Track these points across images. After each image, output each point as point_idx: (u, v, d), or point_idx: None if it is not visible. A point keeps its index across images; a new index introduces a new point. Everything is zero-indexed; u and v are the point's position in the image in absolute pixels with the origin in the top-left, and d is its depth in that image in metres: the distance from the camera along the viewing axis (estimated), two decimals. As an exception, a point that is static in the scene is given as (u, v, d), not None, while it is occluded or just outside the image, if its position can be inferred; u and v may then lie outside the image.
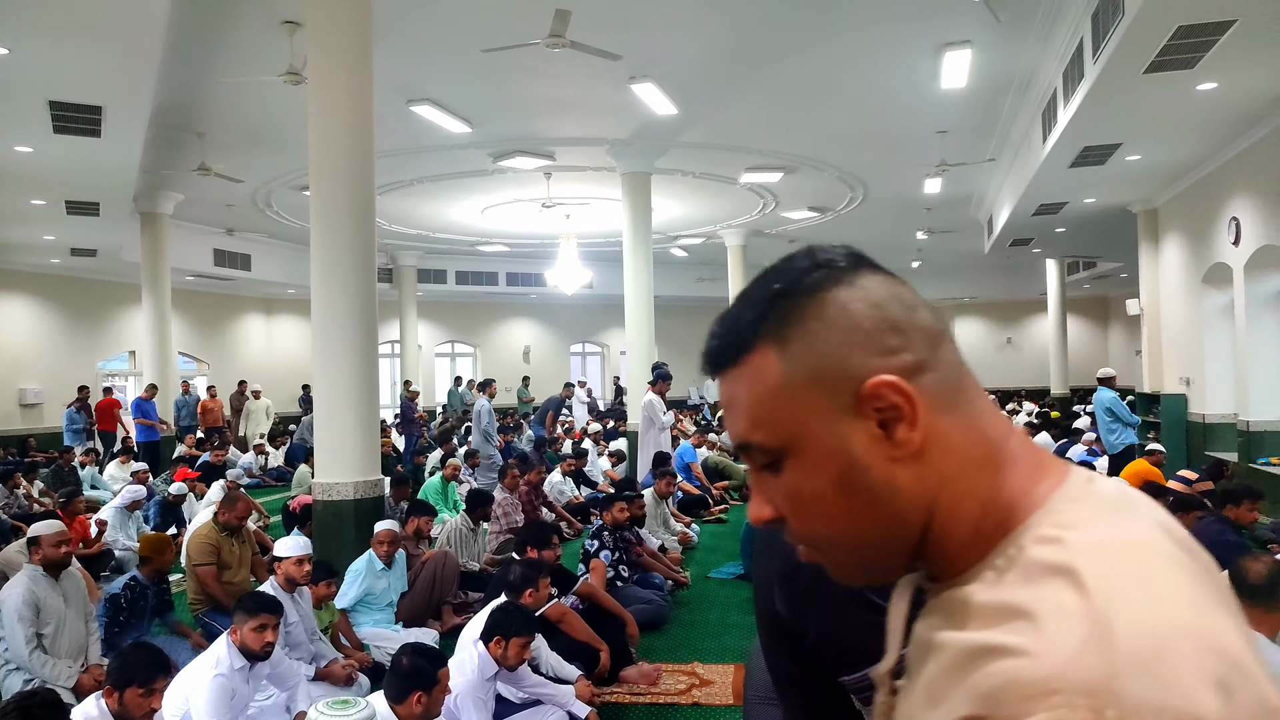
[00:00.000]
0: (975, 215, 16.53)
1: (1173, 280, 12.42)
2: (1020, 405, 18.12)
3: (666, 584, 6.58)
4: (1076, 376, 21.57)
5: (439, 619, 5.91)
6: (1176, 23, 6.25)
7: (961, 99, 9.66)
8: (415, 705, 3.10)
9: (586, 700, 4.22)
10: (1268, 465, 9.32)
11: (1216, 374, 11.09)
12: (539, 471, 8.68)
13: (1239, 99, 8.12)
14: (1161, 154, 10.06)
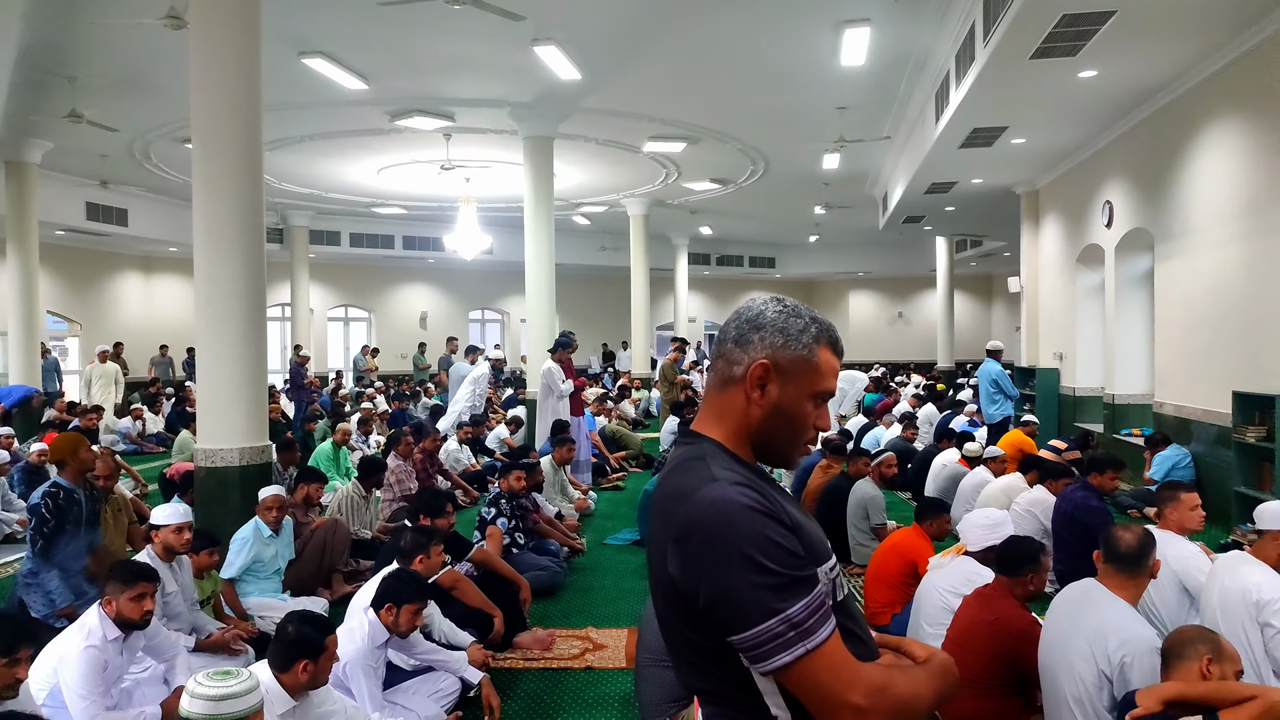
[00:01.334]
0: (871, 192, 16.94)
1: (1051, 260, 13.03)
2: (909, 377, 18.77)
3: (562, 550, 6.61)
4: (962, 351, 22.48)
5: (329, 587, 5.79)
6: (1062, 10, 6.50)
7: (860, 76, 9.84)
8: (301, 674, 3.03)
9: (479, 666, 4.20)
10: (1129, 436, 9.93)
11: (1087, 350, 11.73)
12: (434, 439, 8.56)
13: (1116, 87, 8.52)
14: (1044, 138, 10.50)
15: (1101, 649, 3.00)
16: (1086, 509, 5.49)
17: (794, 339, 1.50)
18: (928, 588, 4.30)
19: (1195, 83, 8.08)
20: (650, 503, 1.54)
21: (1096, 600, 3.19)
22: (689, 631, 1.43)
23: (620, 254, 20.78)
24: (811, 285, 29.38)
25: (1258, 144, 7.19)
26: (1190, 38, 7.23)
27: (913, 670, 1.46)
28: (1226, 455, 7.30)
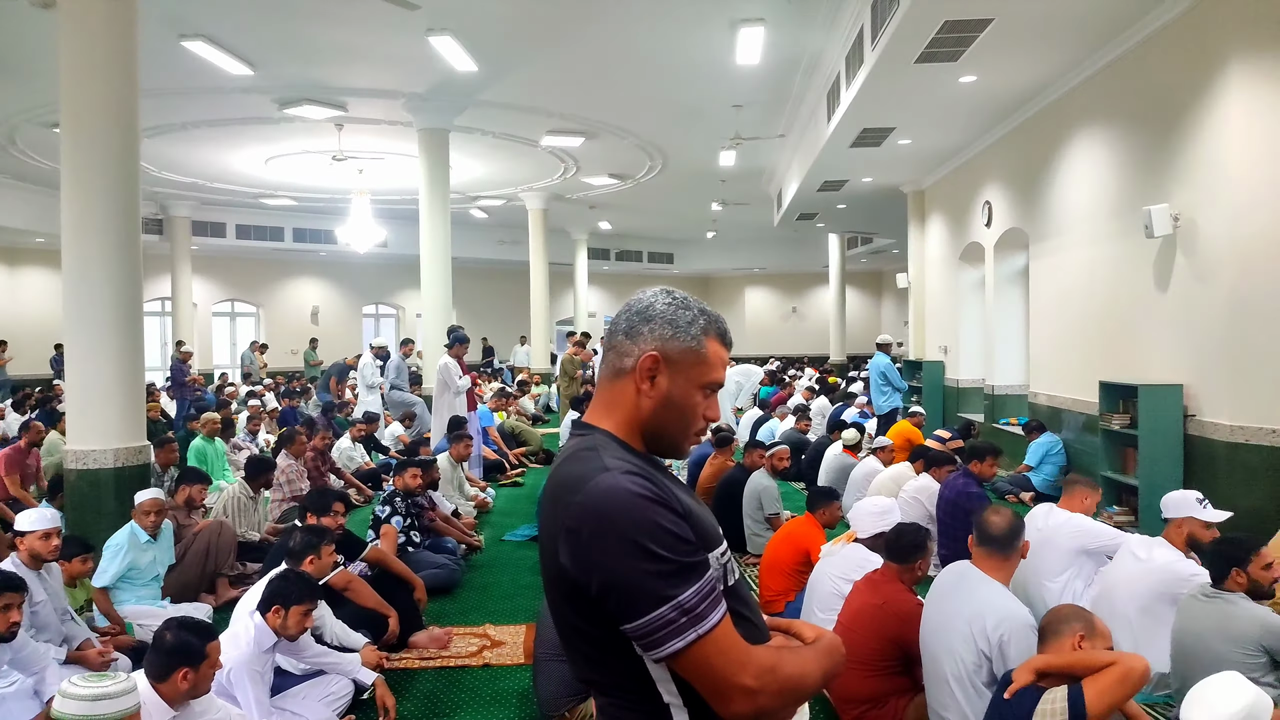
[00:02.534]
0: (766, 189, 17.28)
1: (936, 257, 13.55)
2: (803, 371, 19.23)
3: (460, 548, 6.52)
4: (853, 345, 23.16)
5: (214, 593, 5.57)
6: (944, 17, 6.75)
7: (756, 75, 10.02)
8: (180, 682, 2.90)
9: (373, 667, 4.12)
10: (1007, 425, 10.42)
11: (969, 343, 12.25)
12: (324, 436, 8.32)
13: (995, 93, 8.91)
14: (929, 139, 10.90)
15: (980, 629, 3.14)
16: (967, 495, 5.74)
17: (683, 330, 1.52)
18: (820, 574, 4.42)
19: (1066, 91, 8.53)
20: (541, 495, 1.54)
21: (972, 583, 3.34)
22: (581, 622, 1.43)
23: (519, 248, 20.62)
24: (709, 281, 29.78)
25: (1120, 150, 7.64)
26: (1061, 48, 7.62)
27: (801, 651, 1.50)
28: (1094, 442, 7.74)
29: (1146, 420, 6.67)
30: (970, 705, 3.13)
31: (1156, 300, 7.07)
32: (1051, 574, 4.67)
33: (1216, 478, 6.11)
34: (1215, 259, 6.27)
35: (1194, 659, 3.45)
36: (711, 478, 7.32)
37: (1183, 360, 6.68)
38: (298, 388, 15.69)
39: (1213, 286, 6.31)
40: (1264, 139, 5.88)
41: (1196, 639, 3.45)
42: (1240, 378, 6.01)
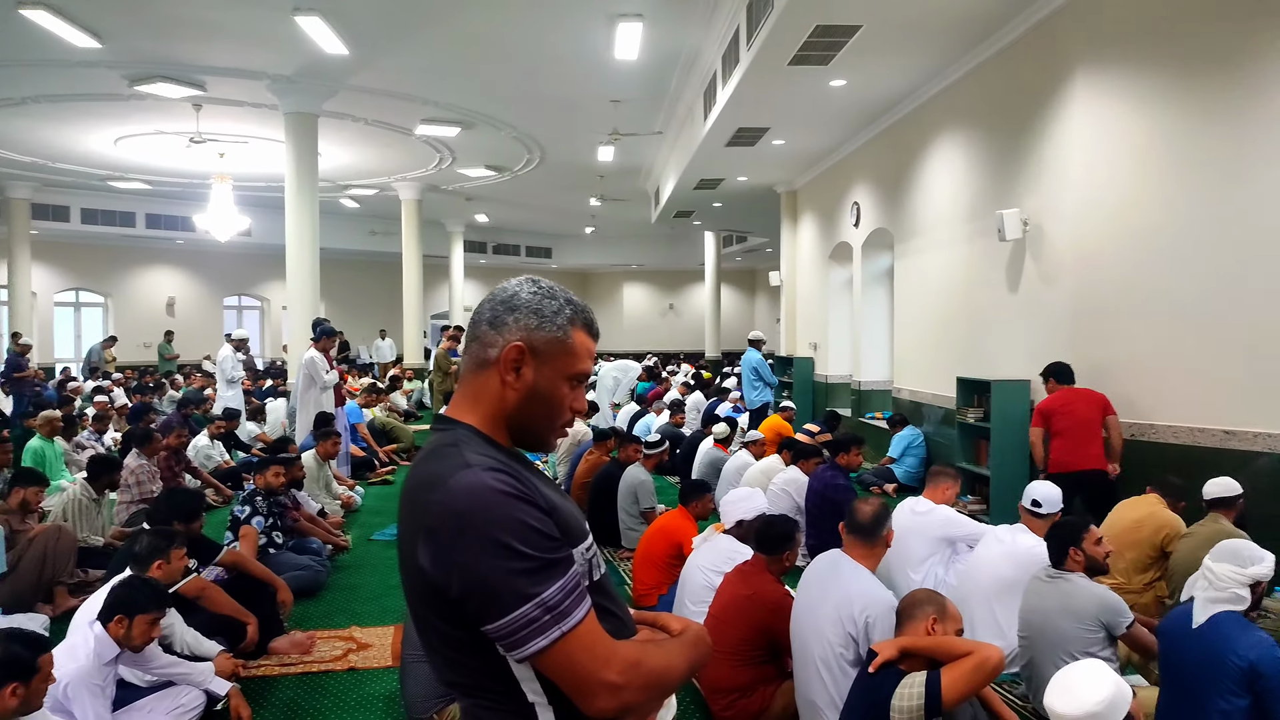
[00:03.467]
0: (644, 186, 17.38)
1: (807, 256, 13.93)
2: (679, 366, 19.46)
3: (325, 548, 6.28)
4: (728, 341, 23.61)
5: (51, 602, 5.18)
6: (816, 21, 6.93)
7: (634, 70, 10.05)
8: (9, 698, 2.68)
9: (228, 676, 3.91)
10: (872, 419, 10.83)
11: (837, 340, 12.66)
12: (179, 434, 7.87)
13: (863, 97, 9.22)
14: (801, 141, 11.19)
15: (848, 612, 3.25)
16: (835, 487, 5.93)
17: (549, 320, 1.49)
18: (692, 567, 4.46)
19: (929, 97, 8.90)
20: (401, 493, 1.47)
21: (842, 569, 3.45)
22: (442, 624, 1.38)
23: (392, 239, 20.08)
24: (587, 276, 29.77)
25: (976, 155, 8.03)
26: (924, 56, 7.95)
27: (667, 644, 1.49)
28: (951, 434, 8.12)
29: (998, 413, 7.04)
30: (837, 687, 3.22)
31: (1008, 300, 7.47)
32: (916, 562, 4.88)
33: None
34: (1059, 262, 6.67)
35: (1040, 637, 3.65)
36: (587, 473, 7.31)
37: (1031, 357, 7.06)
38: (150, 383, 14.83)
39: (1057, 287, 6.71)
40: (1103, 149, 6.28)
41: (1043, 618, 3.65)
42: (1080, 374, 6.40)
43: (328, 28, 8.57)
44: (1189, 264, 5.77)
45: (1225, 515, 4.57)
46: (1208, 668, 2.84)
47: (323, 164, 13.70)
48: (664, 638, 1.53)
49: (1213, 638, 2.87)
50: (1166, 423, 5.90)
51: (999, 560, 4.29)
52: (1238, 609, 2.90)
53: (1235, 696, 2.78)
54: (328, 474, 7.78)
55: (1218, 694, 2.80)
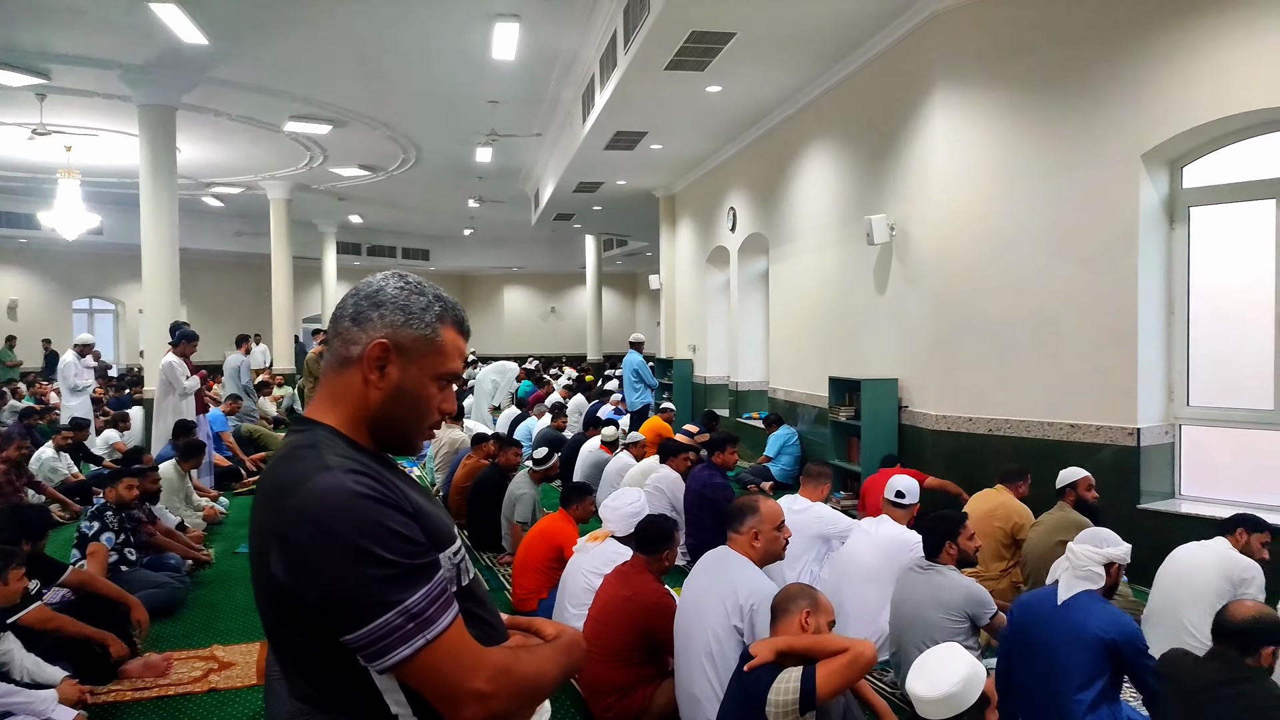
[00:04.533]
0: (524, 188, 17.24)
1: (686, 259, 14.12)
2: (561, 370, 19.39)
3: (185, 564, 5.95)
4: (610, 344, 23.68)
5: None
6: (691, 27, 7.03)
7: (512, 71, 9.94)
8: None
9: (73, 703, 3.65)
10: (749, 419, 11.05)
11: (716, 342, 12.88)
12: (20, 446, 7.31)
13: (738, 103, 9.41)
14: (679, 145, 11.33)
15: (733, 603, 3.31)
16: (713, 485, 6.01)
17: (416, 317, 1.44)
18: (573, 570, 4.44)
19: (801, 105, 9.16)
20: (254, 500, 1.40)
21: (728, 563, 3.51)
22: (297, 636, 1.32)
23: (260, 240, 19.25)
24: (467, 279, 29.33)
25: (846, 162, 8.32)
26: (797, 65, 8.17)
27: (539, 649, 1.47)
28: (824, 432, 8.37)
29: (868, 411, 7.30)
30: (719, 680, 3.26)
31: (876, 302, 7.76)
32: (792, 559, 4.98)
33: (924, 461, 6.79)
34: (923, 266, 6.97)
35: (910, 626, 3.80)
36: (466, 478, 7.18)
37: (898, 356, 7.37)
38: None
39: (921, 290, 7.01)
40: (960, 158, 6.60)
41: (914, 608, 3.80)
42: (943, 372, 6.72)
43: (185, 16, 8.13)
44: (1033, 267, 6.14)
45: (1066, 501, 4.89)
46: (1070, 641, 3.05)
47: (182, 160, 13.01)
48: (537, 643, 1.51)
49: (1075, 612, 3.10)
50: (1020, 418, 6.24)
51: (866, 551, 4.45)
52: (1095, 587, 3.13)
53: (1094, 667, 3.01)
54: (188, 485, 7.38)
55: (1077, 666, 3.01)
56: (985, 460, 6.22)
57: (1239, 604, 2.90)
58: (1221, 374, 5.81)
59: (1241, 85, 5.18)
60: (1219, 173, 5.70)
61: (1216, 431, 5.82)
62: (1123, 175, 5.74)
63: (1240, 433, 5.69)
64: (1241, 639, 2.78)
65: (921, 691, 2.34)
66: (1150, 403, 5.77)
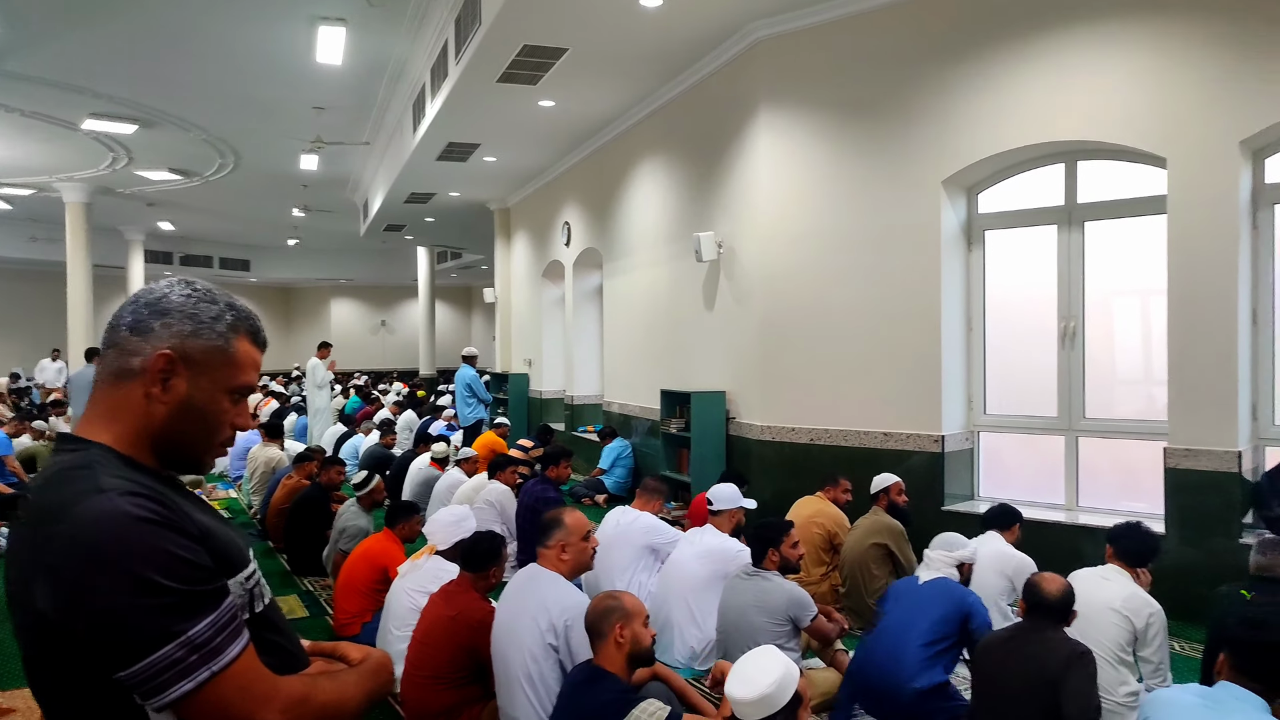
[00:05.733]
0: (353, 198, 16.68)
1: (521, 273, 14.05)
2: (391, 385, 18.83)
3: (-42, 603, 5.34)
4: (444, 359, 23.19)
5: None
6: (523, 41, 7.02)
7: (338, 77, 9.60)
8: None
9: None
10: (584, 432, 11.09)
11: (551, 356, 12.86)
12: None
13: (572, 119, 9.47)
14: (513, 159, 11.27)
15: (546, 622, 3.28)
16: (544, 499, 5.97)
17: (206, 326, 1.35)
18: (397, 591, 4.30)
19: (633, 123, 9.32)
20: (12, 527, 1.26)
21: (539, 580, 3.48)
22: (65, 673, 1.20)
23: (55, 246, 17.69)
24: (291, 291, 28.06)
25: (677, 180, 8.52)
26: (629, 83, 8.30)
27: (341, 675, 1.40)
28: (656, 444, 8.51)
29: (698, 424, 7.48)
30: (540, 701, 3.23)
31: (706, 317, 7.97)
32: (620, 570, 5.02)
33: (750, 471, 7.01)
34: (749, 283, 7.22)
35: (736, 631, 3.90)
36: (285, 498, 6.84)
37: (726, 370, 7.59)
38: None
39: (747, 306, 7.26)
40: (783, 181, 6.90)
41: (739, 613, 3.90)
42: (768, 385, 6.98)
43: (-36, -2, 7.39)
44: (850, 285, 6.50)
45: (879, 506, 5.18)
46: (929, 603, 3.67)
47: (-39, 156, 11.81)
48: (339, 668, 1.44)
49: (936, 585, 3.76)
50: (838, 428, 6.56)
51: (691, 560, 4.55)
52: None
53: (944, 625, 3.60)
54: (-37, 516, 6.65)
55: (929, 621, 3.60)
56: (808, 468, 6.48)
57: (1051, 579, 3.22)
58: (1013, 384, 6.33)
59: (1027, 120, 5.68)
60: (1009, 199, 6.22)
61: (1009, 437, 6.33)
62: (927, 199, 6.16)
63: (1029, 438, 6.21)
64: (1063, 613, 3.17)
65: (738, 694, 2.41)
66: (952, 412, 6.20)
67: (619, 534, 5.04)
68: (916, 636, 3.56)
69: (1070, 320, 5.90)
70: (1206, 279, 5.02)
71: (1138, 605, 3.57)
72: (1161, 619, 3.60)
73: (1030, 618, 3.19)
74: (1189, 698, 2.47)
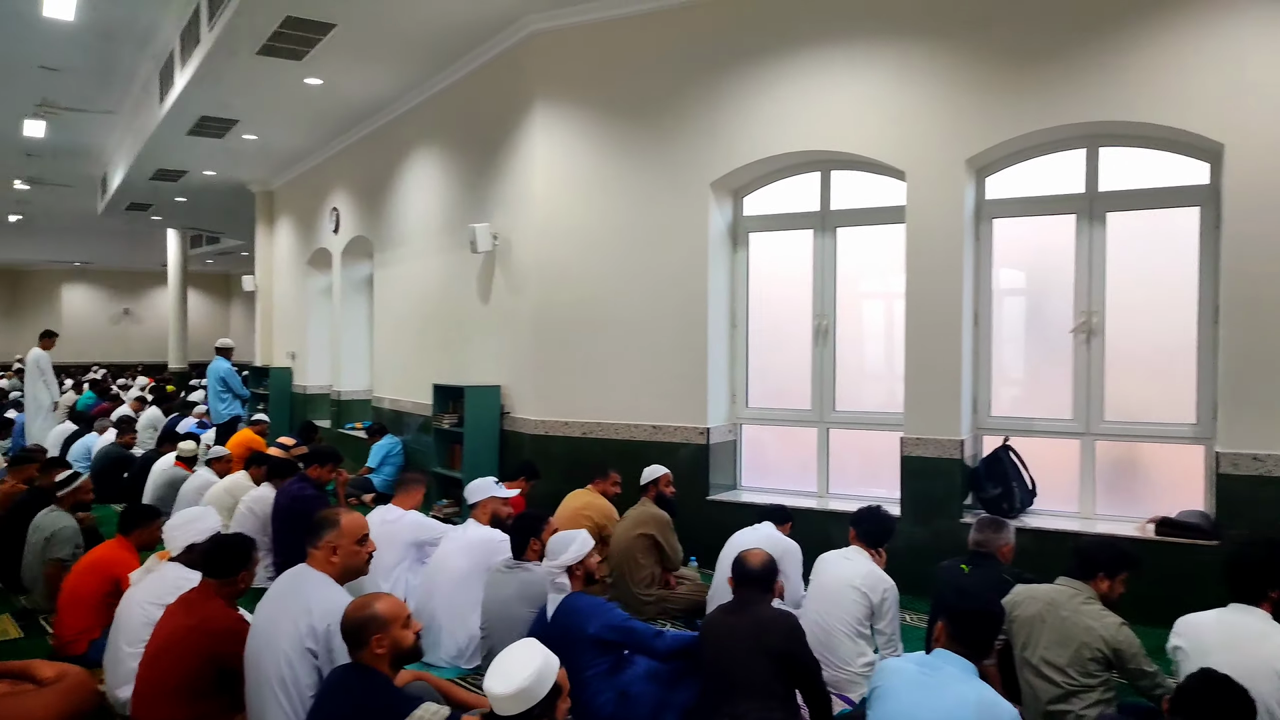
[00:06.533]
0: (92, 171, 15.04)
1: (285, 261, 13.26)
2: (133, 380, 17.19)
3: None
4: (198, 351, 21.48)
5: None
6: (287, 12, 6.62)
7: (73, 35, 8.58)
8: None
9: None
10: (353, 429, 10.63)
11: (317, 349, 12.24)
12: None
13: (342, 99, 9.02)
14: (277, 138, 10.60)
15: (307, 625, 3.09)
16: (304, 499, 5.64)
17: None
18: (129, 603, 3.91)
19: (408, 108, 9.03)
20: None
21: (305, 582, 3.28)
22: None
23: None
24: (17, 274, 24.97)
25: (452, 170, 8.34)
26: (403, 66, 8.02)
27: (28, 697, 1.25)
28: (429, 441, 8.28)
29: (471, 418, 7.35)
30: (294, 708, 3.04)
31: (481, 310, 7.85)
32: (386, 570, 4.84)
33: (528, 465, 6.99)
34: (524, 276, 7.19)
35: (499, 623, 3.87)
36: (1, 503, 6.04)
37: (502, 364, 7.51)
38: None
39: (523, 300, 7.22)
40: (559, 175, 6.92)
41: (502, 605, 3.87)
42: (542, 379, 6.98)
43: None
44: (622, 282, 6.63)
45: (648, 497, 5.31)
46: (569, 637, 3.46)
47: None
48: (28, 689, 1.28)
49: (571, 611, 3.57)
50: (610, 421, 6.67)
51: (455, 555, 4.47)
52: (563, 594, 3.65)
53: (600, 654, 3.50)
54: None
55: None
56: (581, 462, 6.51)
57: (753, 554, 3.47)
58: (773, 379, 6.70)
59: (787, 129, 6.04)
60: (772, 203, 6.58)
61: (769, 429, 6.69)
62: (696, 201, 6.39)
63: (786, 430, 6.60)
64: (766, 582, 3.40)
65: (496, 689, 2.37)
66: (717, 405, 6.47)
67: (384, 533, 4.82)
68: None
69: (823, 319, 6.32)
70: (937, 284, 5.55)
71: (874, 582, 3.89)
72: (894, 594, 3.94)
73: (740, 590, 3.41)
74: (910, 666, 2.71)
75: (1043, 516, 5.51)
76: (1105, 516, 5.43)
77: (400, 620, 2.79)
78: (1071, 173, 5.52)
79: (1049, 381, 5.74)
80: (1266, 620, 2.82)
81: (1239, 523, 4.68)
